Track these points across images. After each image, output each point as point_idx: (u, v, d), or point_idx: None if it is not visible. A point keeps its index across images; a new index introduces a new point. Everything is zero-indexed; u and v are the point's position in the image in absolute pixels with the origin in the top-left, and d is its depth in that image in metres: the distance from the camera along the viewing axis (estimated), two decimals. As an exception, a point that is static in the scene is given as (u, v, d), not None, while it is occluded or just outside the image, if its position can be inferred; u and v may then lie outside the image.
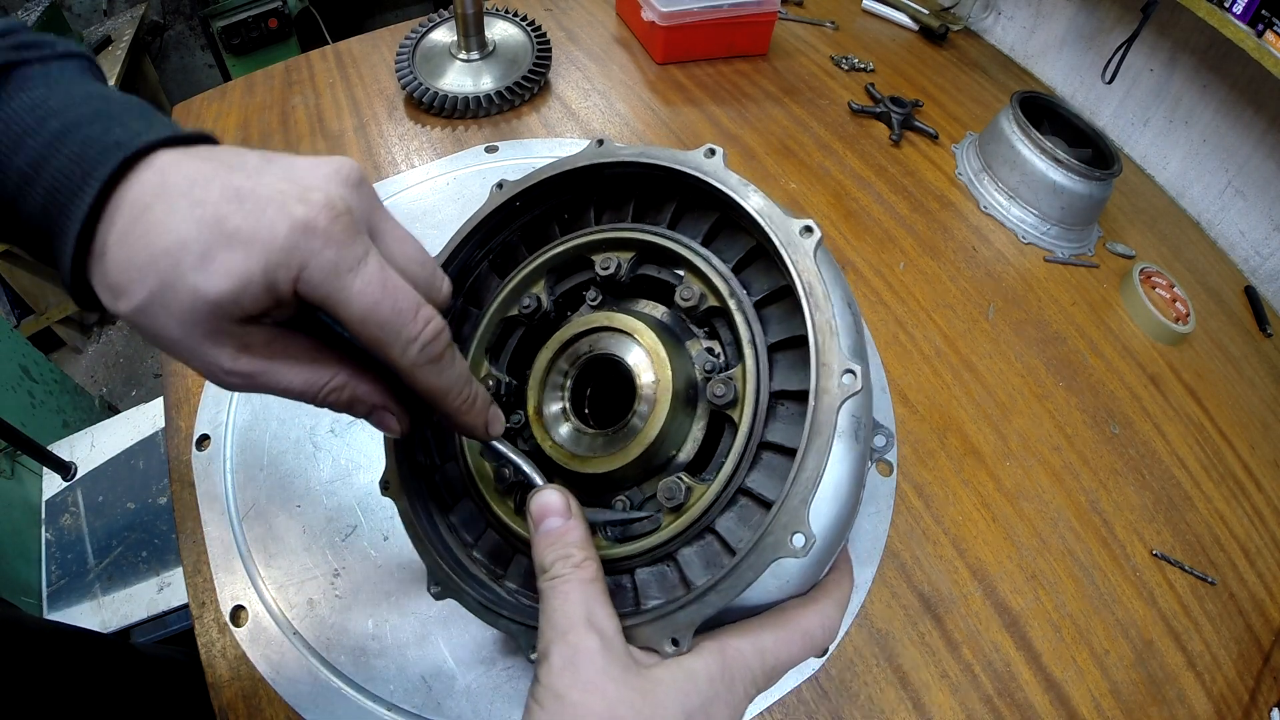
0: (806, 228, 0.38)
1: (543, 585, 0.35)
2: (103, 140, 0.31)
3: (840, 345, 0.35)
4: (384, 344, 0.33)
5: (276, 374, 0.33)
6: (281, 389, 0.34)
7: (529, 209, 0.51)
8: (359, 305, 0.31)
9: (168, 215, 0.30)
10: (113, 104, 0.33)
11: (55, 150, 0.30)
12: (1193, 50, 1.06)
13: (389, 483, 0.47)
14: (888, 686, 0.60)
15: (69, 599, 1.25)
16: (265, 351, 0.33)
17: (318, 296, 0.31)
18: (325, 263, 0.30)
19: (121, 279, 0.30)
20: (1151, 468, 0.78)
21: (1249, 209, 1.05)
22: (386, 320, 0.32)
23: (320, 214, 0.30)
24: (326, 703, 0.57)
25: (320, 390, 0.35)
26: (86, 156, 0.30)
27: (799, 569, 0.36)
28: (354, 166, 0.34)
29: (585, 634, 0.33)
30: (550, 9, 1.30)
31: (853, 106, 1.12)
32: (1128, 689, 0.63)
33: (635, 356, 0.43)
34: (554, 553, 0.36)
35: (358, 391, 0.36)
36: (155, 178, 0.31)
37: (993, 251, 0.95)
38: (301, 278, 0.30)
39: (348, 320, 0.32)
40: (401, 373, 0.34)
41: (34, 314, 2.19)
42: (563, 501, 0.38)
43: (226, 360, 0.32)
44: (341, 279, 0.31)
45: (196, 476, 0.69)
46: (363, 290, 0.31)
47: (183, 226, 0.29)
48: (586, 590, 0.34)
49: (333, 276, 0.31)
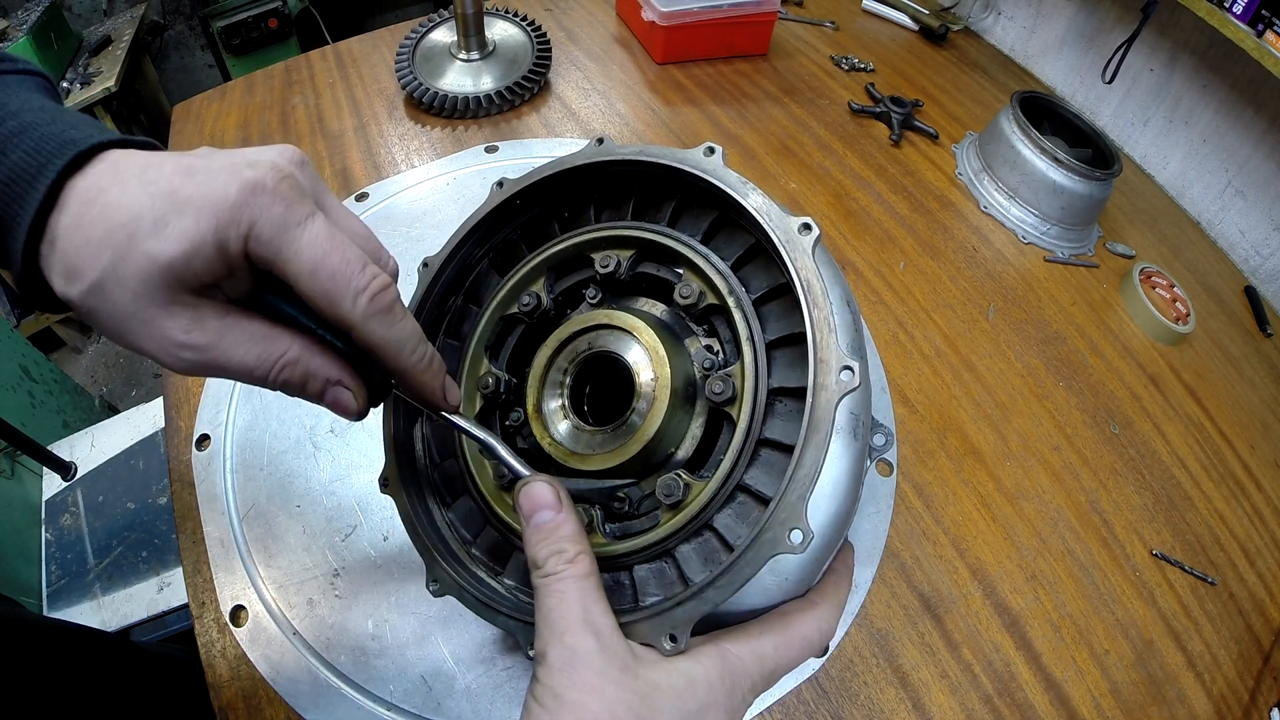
0: (805, 225, 0.38)
1: (537, 582, 0.35)
2: (59, 138, 0.32)
3: (838, 342, 0.35)
4: (333, 297, 0.33)
5: (229, 348, 0.33)
6: (234, 365, 0.33)
7: (529, 207, 0.51)
8: (307, 257, 0.32)
9: (121, 194, 0.31)
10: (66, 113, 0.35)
11: (11, 146, 0.31)
12: (1193, 50, 1.06)
13: (388, 480, 0.47)
14: (887, 686, 0.60)
15: (69, 599, 1.25)
16: (218, 325, 0.33)
17: (268, 254, 0.32)
18: (274, 218, 0.31)
19: (75, 260, 0.30)
20: (1151, 468, 0.78)
21: (1249, 209, 1.05)
22: (336, 270, 0.32)
23: (268, 174, 0.32)
24: (326, 703, 0.57)
25: (273, 365, 0.34)
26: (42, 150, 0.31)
27: (797, 565, 0.36)
28: (298, 150, 0.35)
29: (582, 635, 0.33)
30: (550, 9, 1.30)
31: (853, 106, 1.12)
32: (1128, 689, 0.63)
33: (634, 354, 0.43)
34: (546, 548, 0.35)
35: (311, 366, 0.35)
36: (108, 168, 0.32)
37: (993, 251, 0.95)
38: (251, 235, 0.31)
39: (297, 274, 0.32)
40: (353, 329, 0.34)
41: (34, 314, 2.19)
42: (553, 494, 0.37)
43: (179, 333, 0.32)
44: (290, 232, 0.32)
45: (196, 476, 0.69)
46: (311, 243, 0.32)
47: (136, 201, 0.30)
48: (581, 587, 0.34)
49: (281, 231, 0.31)
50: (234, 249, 0.31)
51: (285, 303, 0.35)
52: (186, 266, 0.30)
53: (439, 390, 0.39)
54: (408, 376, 0.37)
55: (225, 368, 0.33)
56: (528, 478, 0.38)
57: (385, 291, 0.34)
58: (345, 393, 0.37)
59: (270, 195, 0.31)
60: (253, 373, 0.34)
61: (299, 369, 0.35)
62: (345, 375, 0.36)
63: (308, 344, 0.35)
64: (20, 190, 0.31)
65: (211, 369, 0.33)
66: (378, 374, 0.38)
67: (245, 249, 0.31)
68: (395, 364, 0.36)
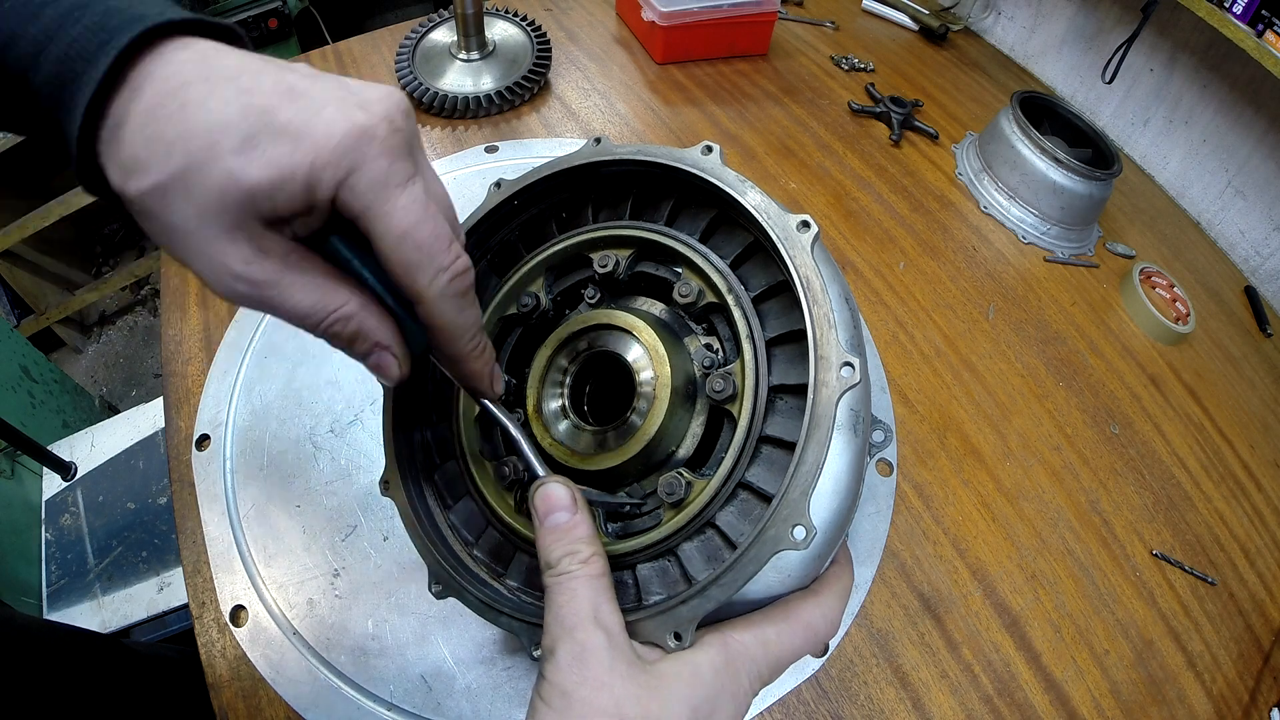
0: (804, 223, 0.38)
1: (549, 581, 0.35)
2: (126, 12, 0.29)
3: (838, 339, 0.35)
4: (415, 268, 0.31)
5: (286, 289, 0.31)
6: (287, 308, 0.31)
7: (527, 208, 0.51)
8: (399, 221, 0.30)
9: (209, 96, 0.28)
10: None
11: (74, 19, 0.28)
12: (1193, 50, 1.06)
13: (389, 481, 0.47)
14: (887, 686, 0.60)
15: (69, 599, 1.25)
16: (280, 264, 0.30)
17: (359, 206, 0.30)
18: (376, 172, 0.30)
19: (141, 154, 0.28)
20: (1151, 468, 0.77)
21: (1249, 209, 1.05)
22: (424, 243, 0.31)
23: (380, 124, 0.30)
24: (326, 703, 0.57)
25: (327, 316, 0.32)
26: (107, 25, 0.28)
27: (800, 561, 0.36)
28: (404, 97, 0.33)
29: (592, 631, 0.32)
30: (550, 9, 1.30)
31: (853, 106, 1.12)
32: (1128, 689, 0.63)
33: (634, 353, 0.43)
34: (560, 548, 0.35)
35: (365, 324, 0.33)
36: (195, 58, 0.29)
37: (993, 251, 0.95)
38: (347, 183, 0.29)
39: (383, 235, 0.30)
40: (425, 303, 0.33)
41: (34, 314, 2.19)
42: (569, 496, 0.37)
43: (238, 263, 0.29)
44: (388, 191, 0.30)
45: (196, 476, 0.69)
46: (406, 207, 0.30)
47: (227, 109, 0.28)
48: (593, 587, 0.34)
49: (380, 188, 0.30)
50: (323, 192, 0.29)
51: (352, 253, 0.33)
52: (268, 197, 0.28)
53: (487, 378, 0.39)
54: (463, 362, 0.37)
55: (276, 307, 0.31)
56: (543, 478, 0.38)
57: (464, 275, 0.33)
58: (391, 359, 0.35)
59: (379, 147, 0.29)
60: (304, 319, 0.32)
61: (352, 325, 0.33)
62: (395, 341, 0.35)
63: (365, 301, 0.33)
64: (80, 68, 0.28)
65: (261, 305, 0.31)
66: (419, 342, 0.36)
67: (335, 195, 0.30)
68: (453, 347, 0.36)
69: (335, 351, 0.35)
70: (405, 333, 0.35)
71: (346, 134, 0.29)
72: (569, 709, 0.31)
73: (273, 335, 0.78)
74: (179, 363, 0.77)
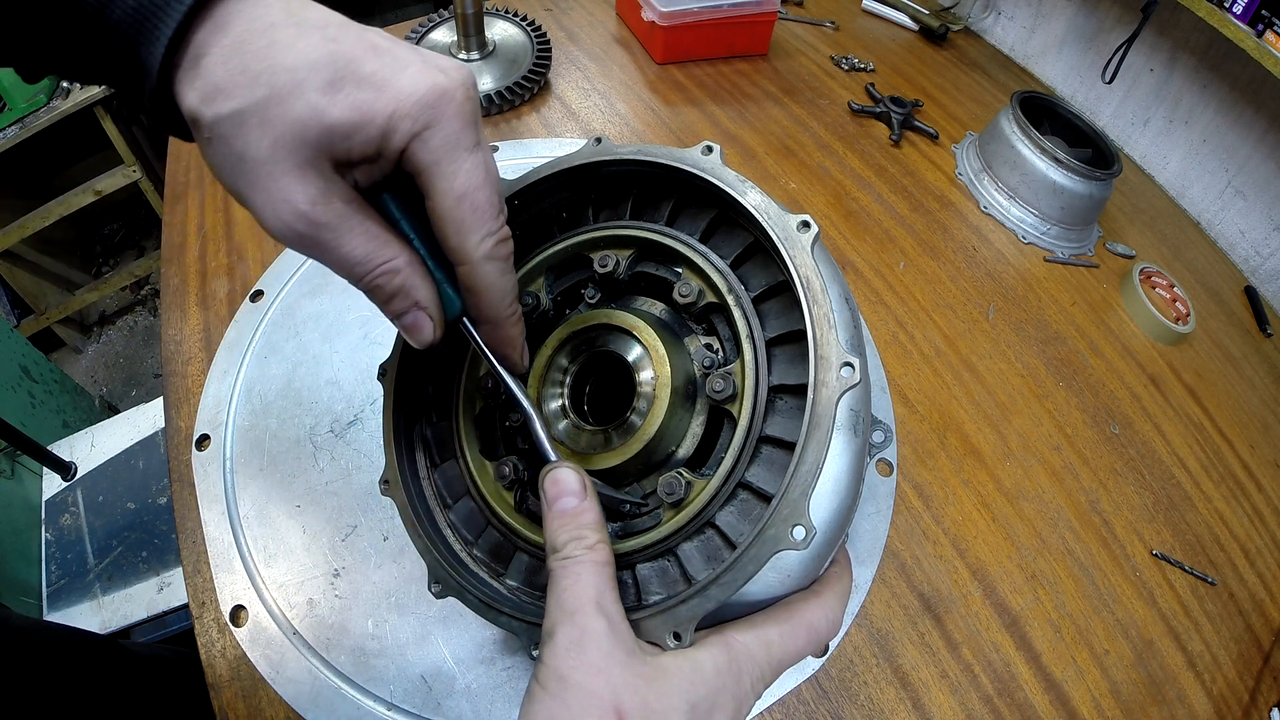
0: (804, 223, 0.38)
1: (553, 565, 0.35)
2: None
3: (838, 339, 0.35)
4: (465, 229, 0.33)
5: (344, 234, 0.32)
6: (340, 253, 0.33)
7: (527, 208, 0.51)
8: (461, 183, 0.32)
9: (298, 39, 0.30)
10: None
11: None
12: (1193, 50, 1.06)
13: (389, 481, 0.47)
14: (887, 686, 0.60)
15: (69, 599, 1.25)
16: (343, 209, 0.32)
17: (427, 161, 0.31)
18: (449, 133, 0.31)
19: (224, 82, 0.29)
20: (1151, 468, 0.77)
21: (1249, 209, 1.05)
22: (480, 205, 0.33)
23: (459, 90, 0.32)
24: (326, 703, 0.57)
25: (376, 267, 0.33)
26: None
27: (800, 561, 0.36)
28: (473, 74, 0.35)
29: (593, 616, 0.32)
30: (550, 9, 1.30)
31: (853, 106, 1.12)
32: (1128, 689, 0.63)
33: (634, 353, 0.43)
34: (567, 533, 0.35)
35: (409, 282, 0.35)
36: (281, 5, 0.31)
37: (993, 251, 0.95)
38: (420, 138, 0.31)
39: (443, 194, 0.32)
40: (468, 264, 0.34)
41: (34, 314, 2.19)
42: (579, 481, 0.37)
43: (304, 200, 0.30)
44: (456, 152, 0.32)
45: (196, 476, 0.69)
46: (471, 171, 0.32)
47: (315, 52, 0.29)
48: (598, 573, 0.34)
49: (450, 148, 0.31)
50: (397, 141, 0.31)
51: (401, 208, 0.35)
52: (345, 136, 0.30)
53: (519, 347, 0.40)
54: (499, 326, 0.38)
55: (328, 251, 0.33)
56: (554, 463, 0.38)
57: (508, 241, 0.35)
58: (427, 320, 0.36)
59: (455, 109, 0.31)
60: (353, 268, 0.33)
61: (397, 280, 0.34)
62: (433, 303, 0.36)
63: (413, 259, 0.35)
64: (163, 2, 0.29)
65: (315, 247, 0.32)
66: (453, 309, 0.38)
67: (406, 147, 0.31)
68: (492, 310, 0.37)
69: (335, 351, 0.35)
70: (442, 298, 0.37)
71: (429, 91, 0.31)
72: (564, 693, 0.30)
73: (273, 335, 0.78)
74: (179, 363, 0.77)
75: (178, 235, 0.89)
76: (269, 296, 0.81)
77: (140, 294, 2.54)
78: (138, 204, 2.52)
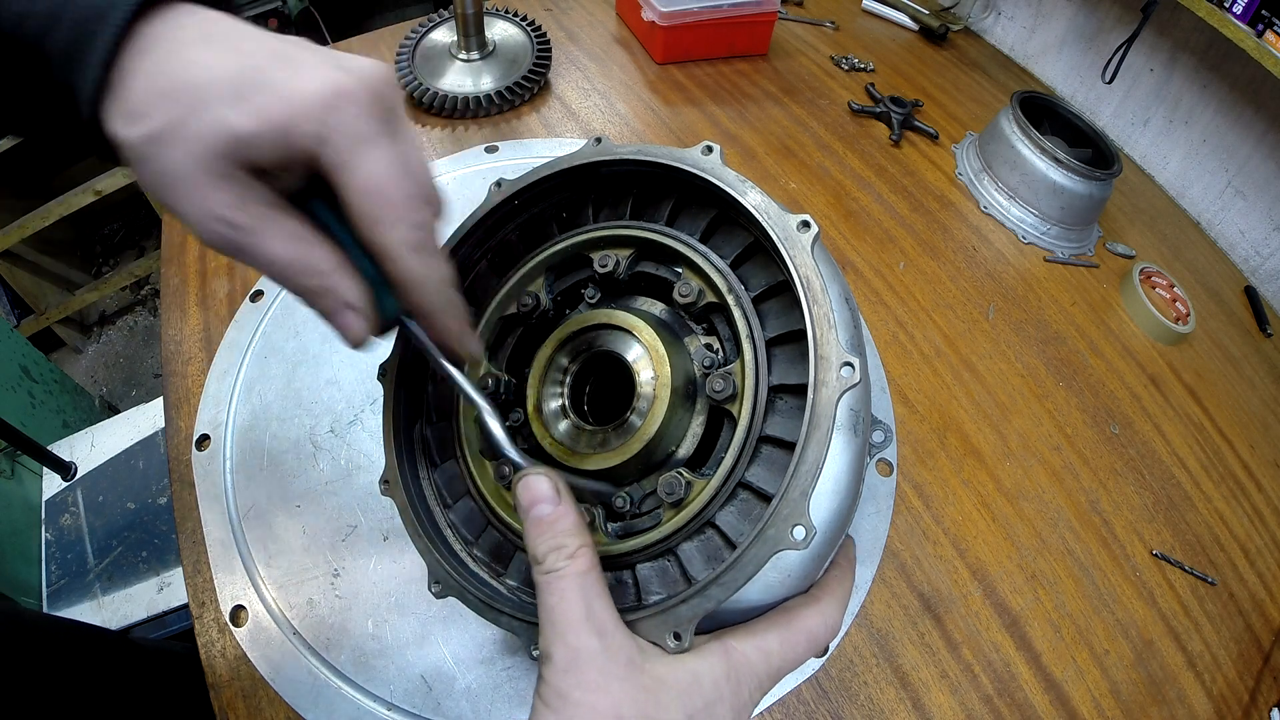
0: (804, 223, 0.38)
1: (538, 578, 0.35)
2: None
3: (838, 339, 0.35)
4: (377, 221, 0.33)
5: (265, 238, 0.33)
6: (264, 255, 0.33)
7: (527, 208, 0.51)
8: (366, 175, 0.32)
9: (206, 54, 0.31)
10: None
11: None
12: (1193, 50, 1.06)
13: (389, 481, 0.47)
14: (888, 686, 0.60)
15: (69, 599, 1.25)
16: (261, 212, 0.32)
17: (332, 161, 0.32)
18: (350, 129, 0.32)
19: (143, 104, 0.30)
20: (1151, 468, 0.78)
21: (1249, 209, 1.05)
22: (389, 196, 0.33)
23: (358, 87, 0.32)
24: (326, 703, 0.57)
25: (301, 268, 0.34)
26: None
27: (800, 561, 0.36)
28: (389, 69, 0.35)
29: (585, 634, 0.32)
30: (550, 9, 1.30)
31: (853, 106, 1.12)
32: (1128, 689, 0.63)
33: (634, 353, 0.43)
34: (546, 543, 0.35)
35: (335, 283, 0.35)
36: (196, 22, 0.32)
37: (993, 251, 0.95)
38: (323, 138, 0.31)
39: (351, 189, 0.32)
40: (388, 257, 0.34)
41: (34, 314, 2.19)
42: (551, 487, 0.36)
43: (222, 207, 0.31)
44: (360, 147, 0.32)
45: (196, 476, 0.69)
46: (375, 162, 0.32)
47: (222, 68, 0.31)
48: (583, 584, 0.34)
49: (353, 144, 0.32)
50: (301, 144, 0.31)
51: (328, 213, 0.35)
52: (251, 144, 0.30)
53: (456, 335, 0.38)
54: (434, 317, 0.37)
55: (254, 255, 0.33)
56: (525, 470, 0.37)
57: (424, 227, 0.35)
58: (356, 319, 0.36)
59: (355, 106, 0.32)
60: (280, 271, 0.34)
61: (322, 281, 0.34)
62: (365, 303, 0.36)
63: (341, 261, 0.35)
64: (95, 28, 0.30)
65: (242, 252, 0.33)
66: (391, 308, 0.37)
67: (312, 149, 0.31)
68: (424, 302, 0.36)
69: (335, 351, 0.36)
70: (380, 299, 0.37)
71: (326, 91, 0.31)
72: (567, 709, 0.31)
73: (273, 335, 0.78)
74: (179, 363, 0.77)
75: (178, 235, 0.89)
76: (269, 296, 0.81)
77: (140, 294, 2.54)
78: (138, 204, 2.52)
